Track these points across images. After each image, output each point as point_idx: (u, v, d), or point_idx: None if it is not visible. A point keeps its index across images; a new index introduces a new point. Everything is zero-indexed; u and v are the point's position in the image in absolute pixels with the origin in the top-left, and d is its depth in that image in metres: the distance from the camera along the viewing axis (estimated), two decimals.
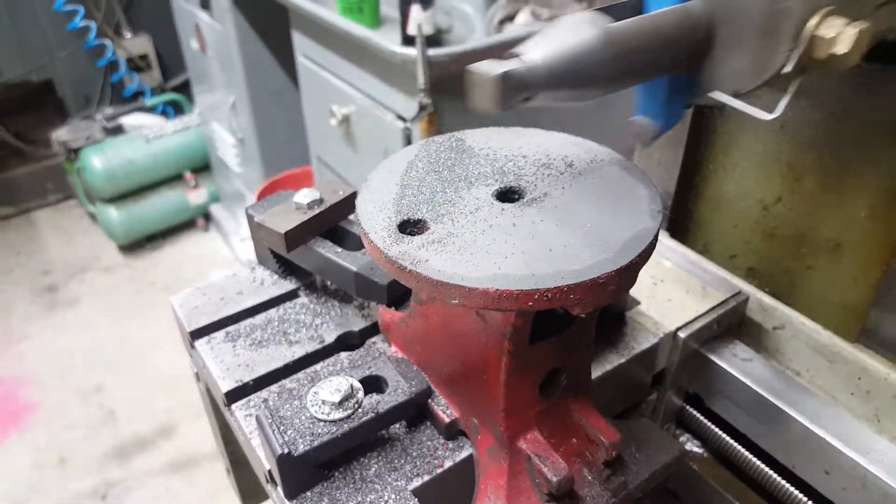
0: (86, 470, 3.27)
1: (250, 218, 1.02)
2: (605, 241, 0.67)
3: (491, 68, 0.60)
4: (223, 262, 4.59)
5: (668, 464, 0.87)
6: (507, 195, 0.76)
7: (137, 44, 5.09)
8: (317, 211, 0.99)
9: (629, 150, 0.88)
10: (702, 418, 1.15)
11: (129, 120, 4.76)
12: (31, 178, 5.08)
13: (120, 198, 4.52)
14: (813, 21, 0.67)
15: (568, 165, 0.80)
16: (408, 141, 2.33)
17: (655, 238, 0.69)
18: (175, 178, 4.70)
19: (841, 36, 0.66)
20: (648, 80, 0.75)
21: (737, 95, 0.75)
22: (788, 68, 0.69)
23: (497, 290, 0.62)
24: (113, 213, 4.51)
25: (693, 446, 1.19)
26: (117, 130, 4.63)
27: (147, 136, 4.52)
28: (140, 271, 4.57)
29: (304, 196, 1.00)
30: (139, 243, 4.76)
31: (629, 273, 0.66)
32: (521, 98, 0.62)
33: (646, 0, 0.77)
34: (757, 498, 1.10)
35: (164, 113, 5.08)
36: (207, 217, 4.90)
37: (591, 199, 0.74)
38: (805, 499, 1.01)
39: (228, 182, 4.40)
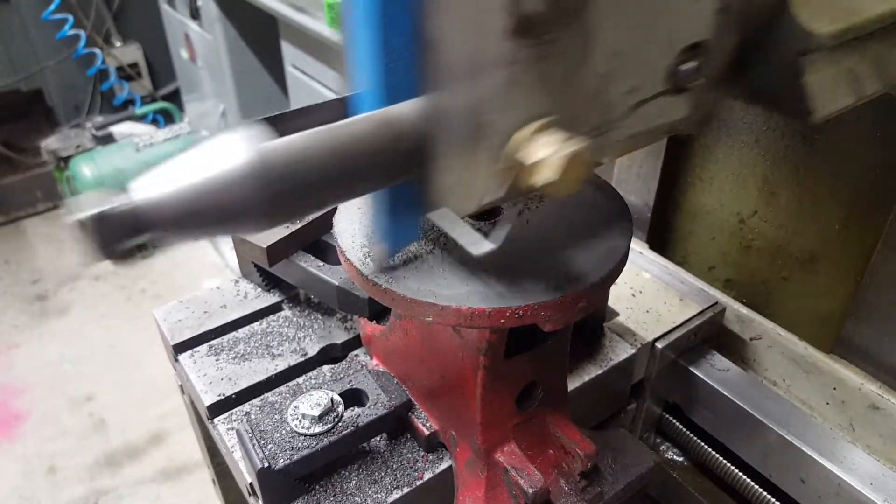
0: (76, 479, 3.26)
1: None
2: (577, 258, 0.69)
3: (93, 204, 0.47)
4: (213, 270, 4.58)
5: (644, 473, 0.89)
6: (483, 213, 0.77)
7: (127, 52, 5.09)
8: (299, 225, 1.01)
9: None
10: (681, 427, 1.16)
11: (119, 128, 4.75)
12: (20, 186, 5.06)
13: None
14: (521, 137, 0.51)
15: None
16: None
17: (626, 255, 0.70)
18: None
19: (547, 160, 0.49)
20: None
21: (471, 215, 0.61)
22: (495, 196, 0.54)
23: (469, 308, 0.63)
24: None
25: (673, 455, 1.20)
26: (107, 139, 4.62)
27: (137, 145, 4.52)
28: (130, 280, 4.56)
29: None
30: (129, 252, 4.75)
31: (599, 290, 0.67)
32: (136, 239, 0.49)
33: (350, 101, 0.59)
34: None
35: (154, 121, 5.08)
36: None
37: (564, 217, 0.75)
38: None
39: None
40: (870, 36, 0.66)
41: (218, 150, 0.48)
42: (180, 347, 1.00)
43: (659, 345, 1.06)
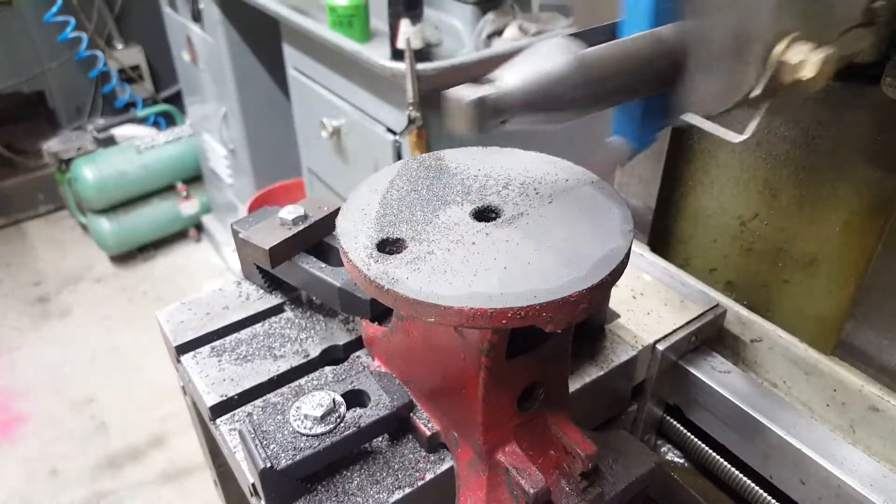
0: (77, 481, 3.26)
1: (235, 233, 1.04)
2: (578, 260, 0.69)
3: (467, 93, 0.61)
4: (215, 272, 4.60)
5: (645, 475, 0.89)
6: (485, 214, 0.78)
7: (129, 55, 5.11)
8: (301, 227, 1.01)
9: (608, 169, 0.89)
10: (682, 429, 1.17)
11: (120, 131, 4.76)
12: (22, 189, 5.07)
13: (111, 209, 4.53)
14: (780, 47, 0.69)
15: (544, 185, 0.82)
16: (398, 154, 2.35)
17: (627, 257, 0.71)
18: (167, 189, 4.71)
19: (806, 61, 0.68)
20: (622, 103, 0.77)
21: (708, 117, 0.77)
22: (757, 92, 0.70)
23: (471, 308, 0.64)
24: (104, 223, 4.52)
25: (674, 456, 1.21)
26: (109, 141, 4.64)
27: (139, 147, 4.53)
28: (132, 282, 4.57)
29: (288, 212, 1.02)
30: (131, 254, 4.77)
31: (600, 291, 0.67)
32: (496, 122, 0.64)
33: (620, 25, 0.78)
34: None
35: (155, 124, 5.09)
36: (199, 228, 4.91)
37: (566, 218, 0.76)
38: None
39: (220, 193, 4.42)
40: None
41: (549, 53, 0.66)
42: (183, 349, 1.01)
43: (660, 346, 1.06)
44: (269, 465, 0.75)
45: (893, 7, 0.76)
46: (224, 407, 0.92)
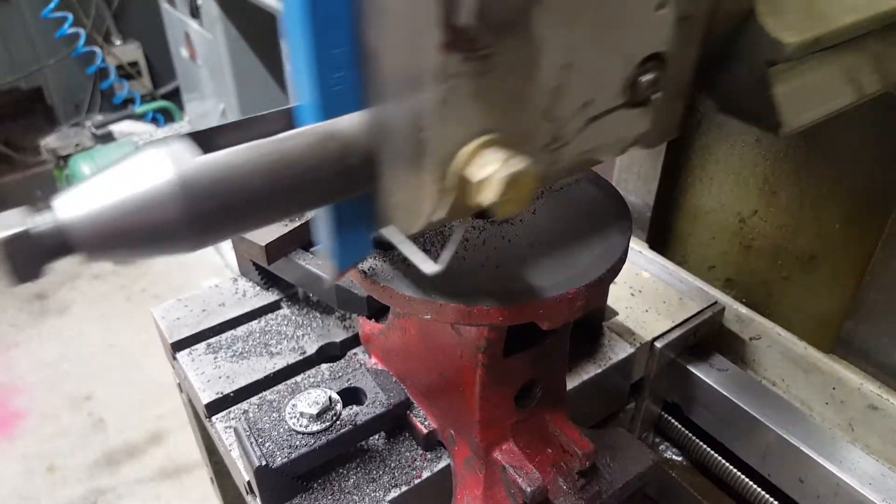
0: (75, 478, 3.26)
1: None
2: (575, 257, 0.69)
3: (6, 224, 0.43)
4: (213, 269, 4.58)
5: (643, 473, 0.89)
6: (481, 212, 0.77)
7: (127, 51, 5.09)
8: (298, 223, 1.00)
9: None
10: (680, 427, 1.16)
11: (118, 127, 4.75)
12: (19, 185, 5.06)
13: None
14: (465, 154, 0.48)
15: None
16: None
17: (625, 254, 0.70)
18: None
19: (489, 180, 0.46)
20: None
21: (409, 236, 0.56)
22: (439, 215, 0.50)
23: (468, 306, 0.63)
24: None
25: (672, 454, 1.20)
26: (107, 138, 4.62)
27: (137, 144, 4.50)
28: (130, 279, 4.56)
29: None
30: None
31: (598, 288, 0.67)
32: (55, 260, 0.46)
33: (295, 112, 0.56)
34: None
35: (154, 120, 5.08)
36: None
37: (563, 215, 0.75)
38: None
39: None
40: (843, 43, 0.64)
41: (143, 166, 0.45)
42: (178, 345, 1.00)
43: (658, 344, 1.06)
44: (264, 463, 0.75)
45: (672, 80, 0.58)
46: (220, 404, 0.92)
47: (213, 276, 4.47)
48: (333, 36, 0.47)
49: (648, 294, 1.14)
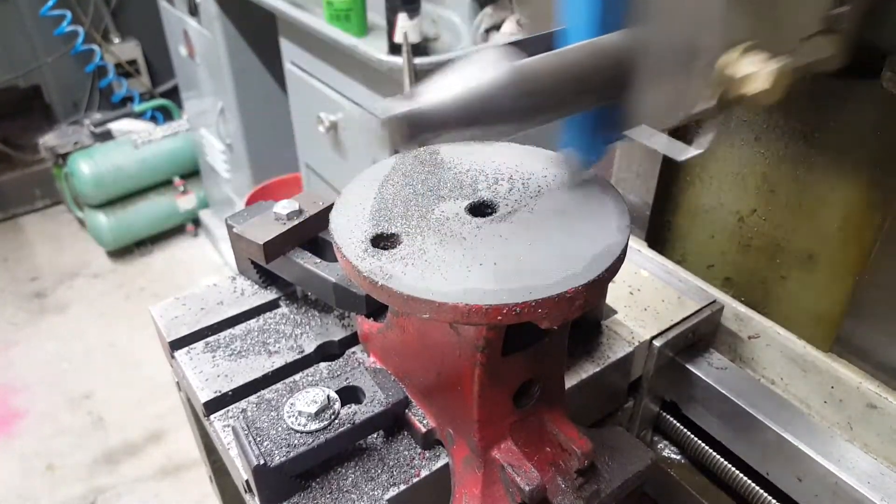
0: (75, 477, 3.26)
1: (230, 228, 1.03)
2: (574, 256, 0.69)
3: (396, 106, 0.59)
4: (212, 267, 4.59)
5: (641, 472, 0.89)
6: (480, 209, 0.77)
7: (126, 49, 5.09)
8: (296, 222, 1.00)
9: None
10: (678, 425, 1.16)
11: (117, 125, 4.75)
12: (18, 183, 5.06)
13: (108, 203, 4.52)
14: (727, 58, 0.63)
15: (540, 179, 0.82)
16: (395, 149, 2.33)
17: (624, 252, 0.70)
18: (164, 184, 4.70)
19: (758, 74, 0.62)
20: (566, 115, 0.71)
21: (664, 130, 0.71)
22: (709, 105, 0.65)
23: (466, 304, 0.63)
24: (101, 218, 4.51)
25: (670, 453, 1.20)
26: (106, 136, 4.63)
27: (136, 142, 4.52)
28: (129, 277, 4.57)
29: (283, 207, 1.02)
30: (128, 249, 4.76)
31: (597, 287, 0.67)
32: (426, 136, 0.61)
33: (562, 34, 0.73)
34: (732, 503, 1.12)
35: (152, 118, 5.08)
36: (197, 223, 4.90)
37: (562, 213, 0.75)
38: None
39: (217, 188, 4.40)
40: None
41: (483, 64, 0.61)
42: (177, 344, 1.00)
43: (657, 343, 1.06)
44: (262, 461, 0.75)
45: (855, 14, 0.72)
46: (218, 403, 0.92)
47: (211, 274, 4.48)
48: None
49: (647, 293, 1.14)
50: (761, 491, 1.05)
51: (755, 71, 0.62)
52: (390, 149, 0.61)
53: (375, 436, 0.88)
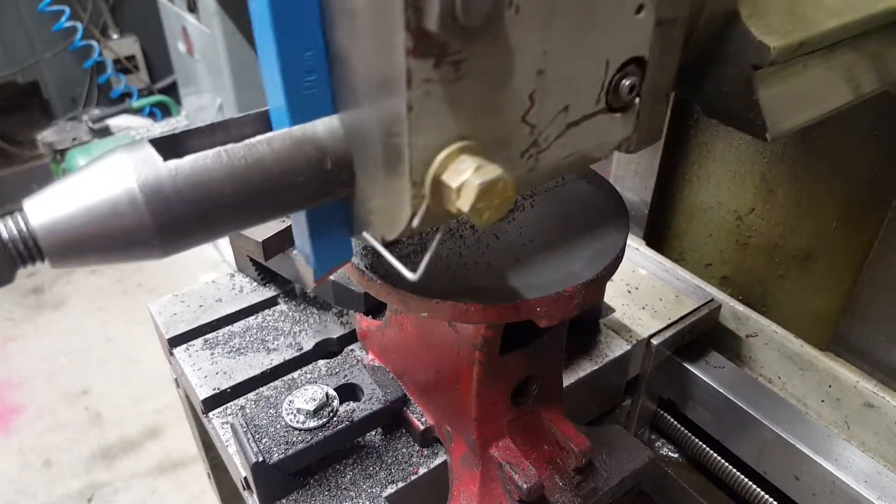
0: (72, 472, 3.26)
1: None
2: (572, 254, 0.69)
3: None
4: (211, 264, 4.58)
5: (639, 470, 0.89)
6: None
7: (124, 45, 5.08)
8: None
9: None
10: (676, 424, 1.17)
11: (116, 121, 4.73)
12: (16, 179, 5.04)
13: None
14: (438, 161, 0.46)
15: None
16: None
17: (622, 251, 0.70)
18: None
19: (464, 187, 0.44)
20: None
21: (385, 243, 0.54)
22: (415, 223, 0.48)
23: (465, 303, 0.63)
24: None
25: (668, 451, 1.21)
26: (104, 132, 4.61)
27: (134, 138, 4.51)
28: (127, 273, 4.56)
29: None
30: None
31: (595, 286, 0.67)
32: (27, 265, 0.47)
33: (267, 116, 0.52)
34: (730, 502, 1.12)
35: (151, 115, 5.06)
36: None
37: (560, 212, 0.75)
38: (776, 503, 1.03)
39: None
40: (832, 45, 0.63)
41: (107, 172, 0.44)
42: (175, 341, 1.00)
43: (654, 341, 1.06)
44: (261, 459, 0.75)
45: (652, 84, 0.56)
46: (217, 400, 0.92)
47: (210, 271, 4.47)
48: (302, 38, 0.46)
49: (645, 291, 1.14)
50: (759, 489, 1.06)
51: (462, 182, 0.44)
52: None
53: (374, 433, 0.88)
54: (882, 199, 0.99)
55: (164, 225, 0.44)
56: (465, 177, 0.44)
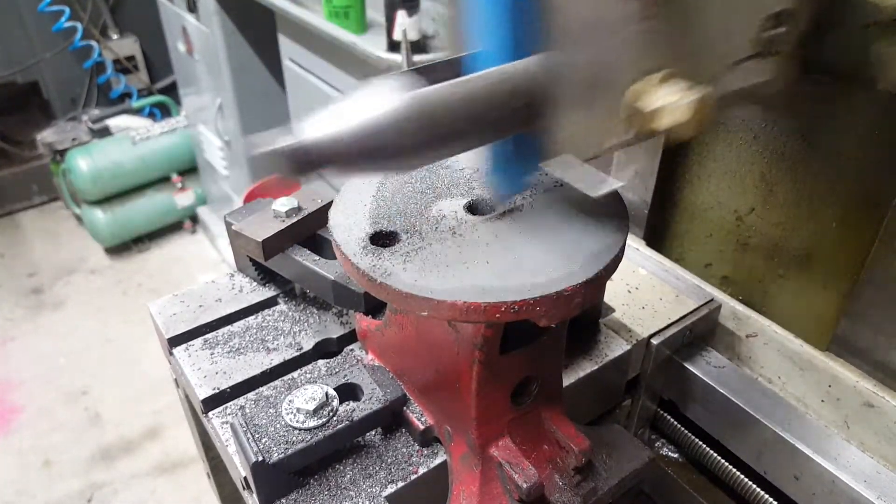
0: (71, 472, 3.26)
1: (228, 225, 1.03)
2: (572, 254, 0.69)
3: (274, 141, 0.55)
4: (210, 264, 4.58)
5: (639, 469, 0.89)
6: (478, 208, 0.77)
7: (124, 45, 5.08)
8: (295, 219, 1.00)
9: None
10: (676, 423, 1.17)
11: (115, 122, 4.74)
12: (16, 179, 5.05)
13: (106, 200, 4.51)
14: (644, 88, 0.58)
15: (538, 178, 0.82)
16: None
17: (622, 251, 0.70)
18: (162, 181, 4.69)
19: (676, 105, 0.57)
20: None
21: (587, 160, 0.65)
22: (620, 139, 0.61)
23: (465, 302, 0.63)
24: (99, 215, 4.50)
25: (668, 451, 1.21)
26: (104, 132, 4.62)
27: (134, 138, 4.51)
28: (126, 273, 4.56)
29: (282, 204, 1.02)
30: (125, 245, 4.75)
31: (595, 285, 0.67)
32: (309, 172, 0.56)
33: (472, 58, 0.66)
34: (730, 502, 1.12)
35: (151, 115, 5.07)
36: (194, 219, 4.90)
37: (560, 212, 0.75)
38: (775, 503, 1.03)
39: (215, 184, 4.40)
40: None
41: (379, 94, 0.56)
42: (175, 341, 1.00)
43: (654, 341, 1.06)
44: (260, 458, 0.75)
45: (794, 35, 0.67)
46: (216, 400, 0.92)
47: (209, 271, 4.47)
48: None
49: (645, 291, 1.14)
50: (758, 489, 1.06)
51: (672, 102, 0.56)
52: (255, 180, 0.57)
53: (373, 433, 0.88)
54: (882, 198, 0.99)
55: (418, 139, 0.57)
56: (672, 98, 0.57)
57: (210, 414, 0.91)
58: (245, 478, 0.81)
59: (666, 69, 0.58)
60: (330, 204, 0.98)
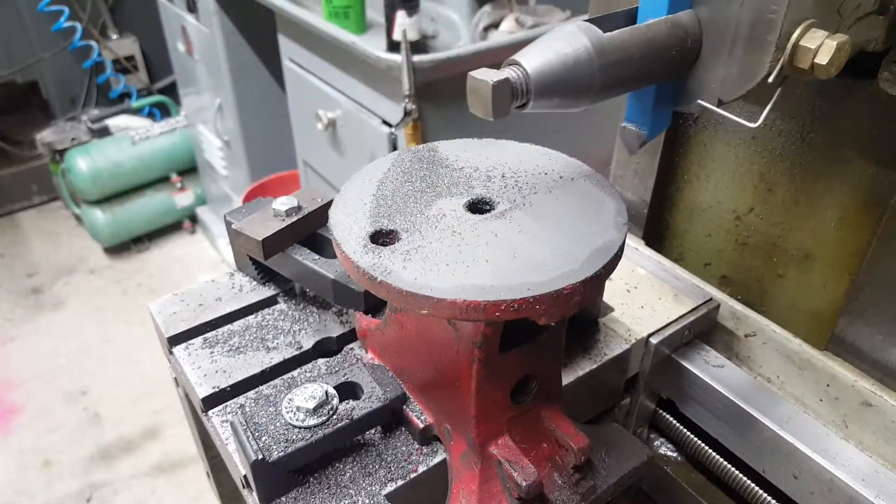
0: (71, 472, 3.26)
1: (228, 224, 1.03)
2: (572, 253, 0.69)
3: (488, 76, 0.62)
4: (210, 264, 4.59)
5: (638, 468, 0.89)
6: (478, 206, 0.77)
7: (123, 45, 5.08)
8: (295, 218, 1.01)
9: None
10: (675, 422, 1.17)
11: (115, 121, 4.74)
12: (15, 179, 5.05)
13: (106, 200, 4.51)
14: (796, 32, 0.70)
15: (538, 177, 0.82)
16: (393, 146, 2.34)
17: (621, 250, 0.71)
18: (161, 181, 4.69)
19: (822, 47, 0.69)
20: (639, 88, 0.77)
21: (720, 104, 0.77)
22: (772, 77, 0.71)
23: (465, 300, 0.63)
24: (98, 215, 4.50)
25: (667, 450, 1.21)
26: (103, 132, 4.62)
27: (133, 138, 4.52)
28: (126, 273, 4.56)
29: (282, 203, 1.02)
30: (125, 245, 4.76)
31: (594, 284, 0.67)
32: (515, 105, 0.65)
33: (636, 11, 0.78)
34: (728, 501, 1.12)
35: (150, 115, 5.07)
36: (194, 219, 4.90)
37: (560, 210, 0.76)
38: (774, 502, 1.03)
39: (215, 184, 4.40)
40: None
41: (570, 37, 0.67)
42: (175, 340, 1.00)
43: (653, 340, 1.06)
44: (260, 457, 0.75)
45: None
46: (216, 399, 0.92)
47: (208, 271, 4.48)
48: None
49: (644, 290, 1.15)
50: (757, 488, 1.06)
51: (818, 45, 0.69)
52: (490, 115, 0.63)
53: (373, 432, 0.88)
54: (881, 197, 0.99)
55: (605, 76, 0.68)
56: (822, 41, 0.69)
57: (210, 412, 0.91)
58: (245, 476, 0.81)
59: (809, 20, 0.70)
60: (330, 203, 0.98)
